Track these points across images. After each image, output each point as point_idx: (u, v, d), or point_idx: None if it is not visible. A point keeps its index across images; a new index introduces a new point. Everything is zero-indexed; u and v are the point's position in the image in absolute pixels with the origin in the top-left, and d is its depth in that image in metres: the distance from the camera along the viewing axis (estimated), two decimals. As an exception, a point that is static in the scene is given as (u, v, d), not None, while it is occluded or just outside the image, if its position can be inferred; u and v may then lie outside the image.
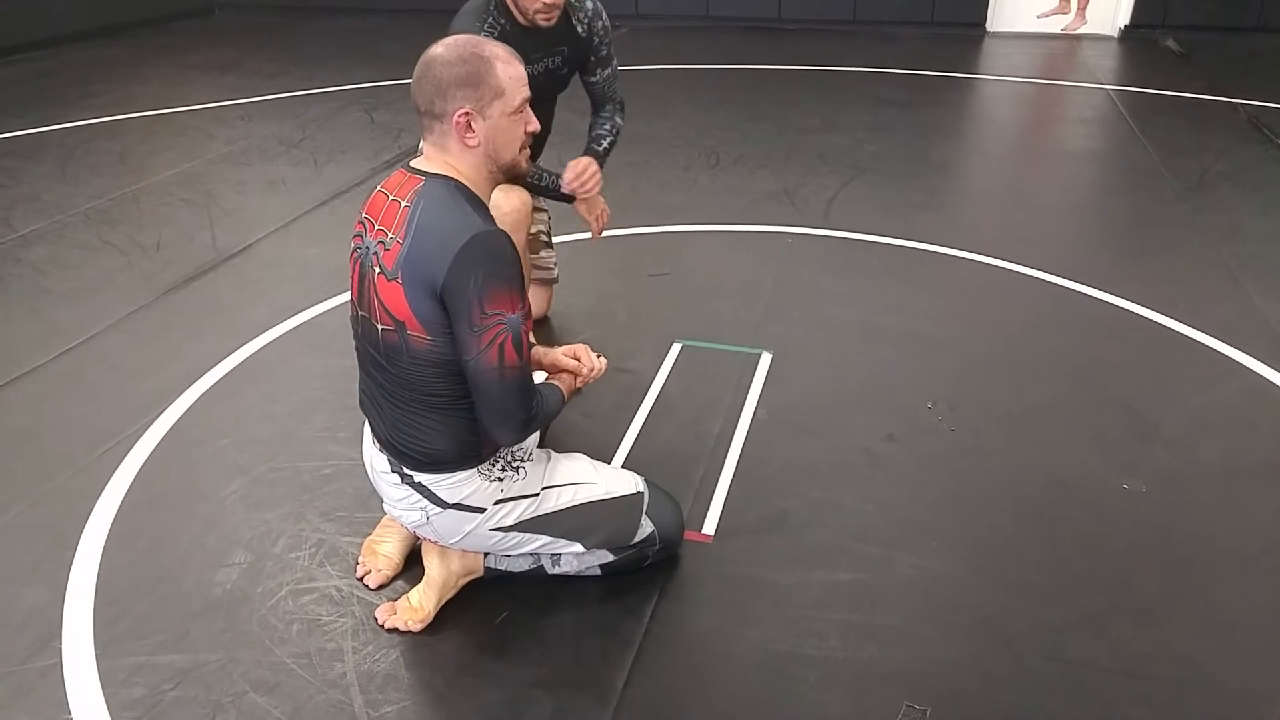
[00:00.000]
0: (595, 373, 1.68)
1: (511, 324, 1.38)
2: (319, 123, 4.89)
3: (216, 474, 2.04)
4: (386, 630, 1.61)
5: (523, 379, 1.43)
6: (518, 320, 1.39)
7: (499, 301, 1.36)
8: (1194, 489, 1.98)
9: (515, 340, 1.39)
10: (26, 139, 4.62)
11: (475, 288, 1.34)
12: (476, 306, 1.35)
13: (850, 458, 2.09)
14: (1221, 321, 2.66)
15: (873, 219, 3.50)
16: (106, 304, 2.84)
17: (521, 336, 1.40)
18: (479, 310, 1.35)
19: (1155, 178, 3.96)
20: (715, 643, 1.60)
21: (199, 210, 3.65)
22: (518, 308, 1.39)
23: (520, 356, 1.41)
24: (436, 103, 1.38)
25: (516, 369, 1.40)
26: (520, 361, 1.41)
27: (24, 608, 1.67)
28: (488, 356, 1.38)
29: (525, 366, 1.43)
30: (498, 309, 1.36)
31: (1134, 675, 1.53)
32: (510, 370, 1.40)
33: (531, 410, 1.46)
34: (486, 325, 1.36)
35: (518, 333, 1.39)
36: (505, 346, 1.38)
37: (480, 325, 1.36)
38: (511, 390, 1.41)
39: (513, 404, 1.43)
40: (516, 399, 1.43)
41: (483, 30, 2.09)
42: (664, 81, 5.87)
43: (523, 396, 1.43)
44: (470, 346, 1.38)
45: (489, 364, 1.38)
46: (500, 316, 1.37)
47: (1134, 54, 6.79)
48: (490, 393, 1.41)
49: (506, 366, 1.39)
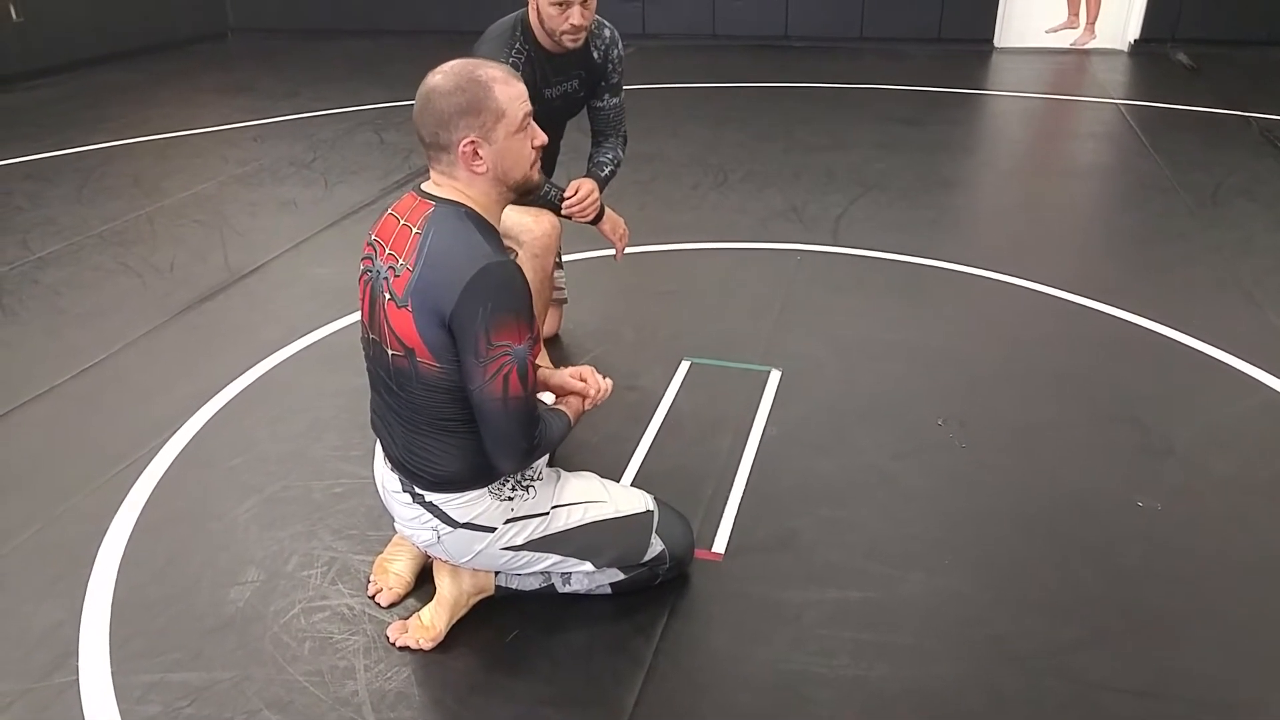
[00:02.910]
0: (602, 394, 1.68)
1: (517, 355, 1.39)
2: (330, 144, 4.95)
3: (229, 493, 2.05)
4: (398, 648, 1.61)
5: (526, 409, 1.43)
6: (524, 351, 1.40)
7: (505, 333, 1.37)
8: (1208, 506, 1.97)
9: (520, 371, 1.40)
10: (44, 162, 4.70)
11: (483, 318, 1.35)
12: (483, 337, 1.36)
13: (860, 475, 2.09)
14: (1235, 337, 2.64)
15: (882, 236, 3.50)
16: (121, 325, 2.88)
17: (527, 367, 1.41)
18: (485, 341, 1.36)
19: (1167, 193, 3.95)
20: (726, 661, 1.59)
21: (212, 231, 3.69)
22: (524, 338, 1.39)
23: (525, 387, 1.41)
24: (440, 134, 1.39)
25: (521, 399, 1.41)
26: (525, 392, 1.41)
27: (41, 625, 1.68)
28: (492, 387, 1.39)
29: (530, 397, 1.44)
30: (504, 340, 1.37)
31: (1147, 695, 1.51)
32: (514, 401, 1.41)
33: (534, 439, 1.47)
34: (492, 356, 1.37)
35: (523, 363, 1.40)
36: (510, 377, 1.39)
37: (486, 356, 1.37)
38: (515, 420, 1.42)
39: (515, 433, 1.43)
40: (519, 428, 1.43)
41: (509, 56, 2.12)
42: (671, 100, 5.91)
43: (525, 426, 1.44)
44: (475, 376, 1.39)
45: (493, 394, 1.39)
46: (506, 348, 1.38)
47: (1144, 68, 6.79)
48: (494, 421, 1.42)
49: (510, 397, 1.40)
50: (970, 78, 6.59)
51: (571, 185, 2.28)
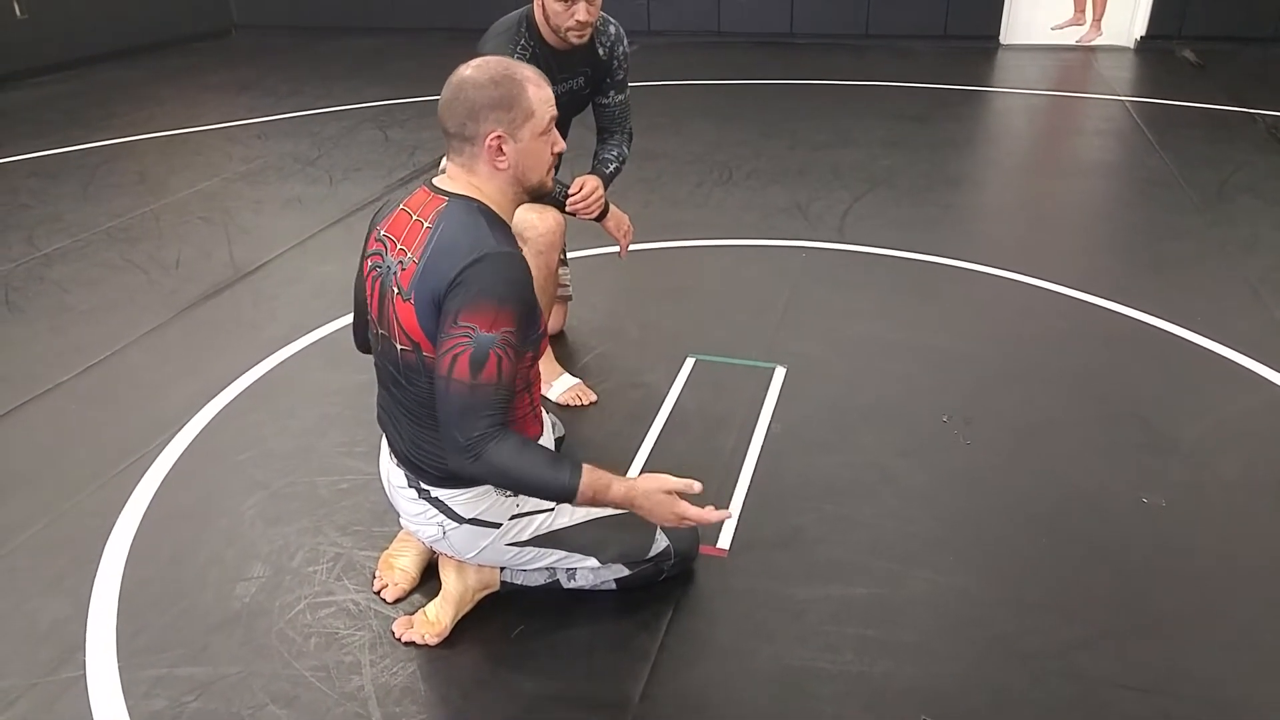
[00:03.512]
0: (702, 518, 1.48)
1: (478, 340, 1.33)
2: (334, 141, 4.95)
3: (235, 489, 2.06)
4: (403, 644, 1.62)
5: (468, 398, 1.34)
6: (489, 340, 1.33)
7: (476, 317, 1.33)
8: (1213, 504, 1.97)
9: (474, 357, 1.33)
10: (50, 159, 4.71)
11: (462, 299, 1.33)
12: (452, 315, 1.34)
13: (865, 473, 2.08)
14: (1241, 334, 2.64)
15: (887, 233, 3.50)
16: (127, 321, 2.89)
17: (486, 356, 1.33)
18: (452, 319, 1.34)
19: (1173, 189, 3.94)
20: (730, 657, 1.60)
21: (217, 228, 3.70)
22: (497, 328, 1.34)
23: (474, 375, 1.33)
24: (468, 125, 1.39)
25: (464, 385, 1.33)
26: (471, 380, 1.33)
27: (48, 620, 1.69)
28: (440, 364, 1.35)
29: (478, 389, 1.34)
30: (471, 322, 1.33)
31: (1151, 693, 1.51)
32: (455, 384, 1.34)
33: (469, 438, 1.34)
34: (451, 334, 1.34)
35: (481, 351, 1.33)
36: (460, 359, 1.33)
37: (446, 332, 1.35)
38: (452, 406, 1.34)
39: (449, 421, 1.35)
40: (454, 417, 1.34)
41: (514, 52, 2.12)
42: (676, 97, 5.91)
43: (463, 418, 1.34)
44: (436, 349, 1.37)
45: (439, 372, 1.35)
46: (469, 330, 1.33)
47: (1150, 65, 6.77)
48: (437, 403, 1.37)
49: (452, 378, 1.34)
50: (976, 74, 6.58)
51: (576, 182, 2.28)
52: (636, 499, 1.45)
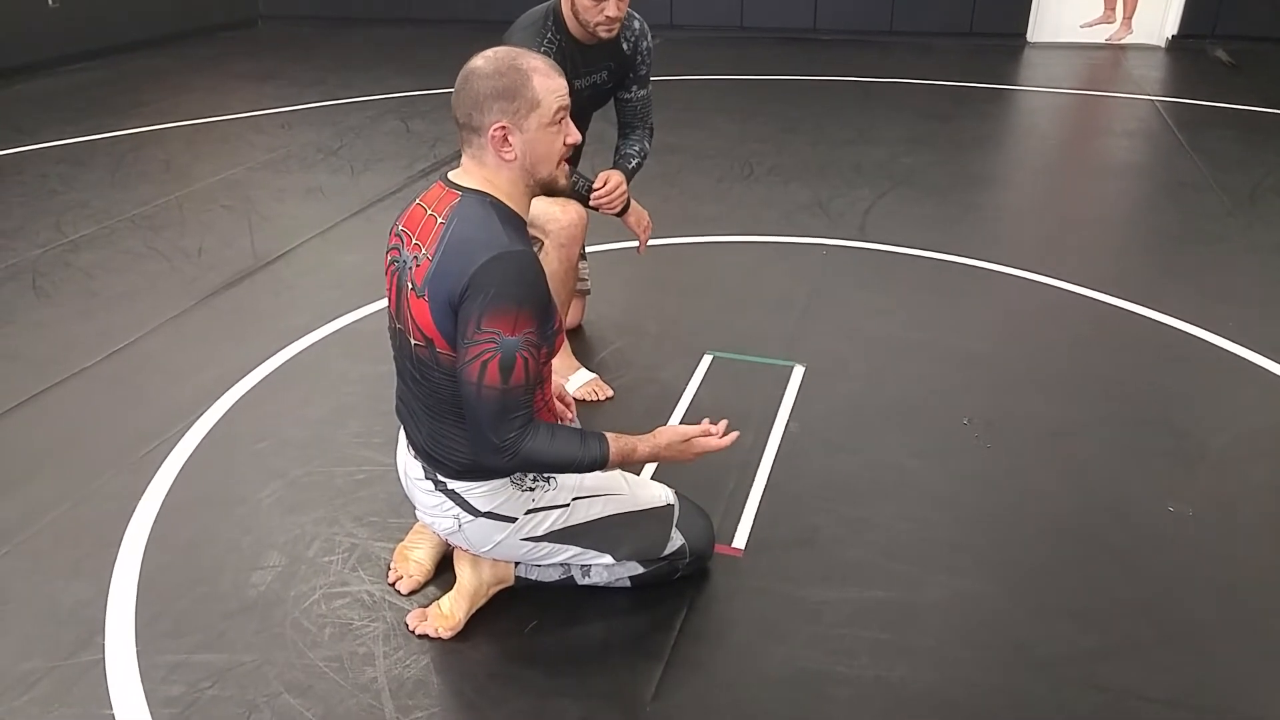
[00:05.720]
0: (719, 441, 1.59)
1: (504, 345, 1.35)
2: (356, 131, 4.97)
3: (253, 477, 2.07)
4: (417, 636, 1.62)
5: (501, 402, 1.37)
6: (514, 344, 1.35)
7: (499, 321, 1.34)
8: (1243, 513, 1.93)
9: (503, 362, 1.35)
10: (79, 146, 4.76)
11: (481, 303, 1.34)
12: (474, 321, 1.34)
13: (883, 474, 2.06)
14: (1272, 340, 2.59)
15: (909, 232, 3.46)
16: (151, 308, 2.91)
17: (514, 360, 1.36)
18: (475, 325, 1.35)
19: (1204, 192, 3.87)
20: (744, 658, 1.59)
21: (239, 217, 3.73)
22: (519, 331, 1.35)
23: (504, 379, 1.35)
24: (474, 115, 1.39)
25: (496, 390, 1.36)
26: (502, 384, 1.36)
27: (69, 603, 1.71)
28: (469, 371, 1.36)
29: (510, 392, 1.37)
30: (495, 328, 1.34)
31: (1176, 705, 1.48)
32: (488, 390, 1.36)
33: (505, 439, 1.38)
34: (477, 340, 1.35)
35: (509, 355, 1.35)
36: (489, 365, 1.35)
37: (471, 339, 1.35)
38: (486, 411, 1.37)
39: (483, 424, 1.38)
40: (489, 420, 1.37)
41: (540, 45, 2.11)
42: (698, 92, 5.88)
43: (496, 420, 1.37)
44: (459, 358, 1.38)
45: (469, 378, 1.37)
46: (495, 336, 1.34)
47: (1182, 65, 6.65)
48: (468, 409, 1.39)
49: (484, 385, 1.36)
50: (1002, 73, 6.50)
51: (600, 176, 2.27)
52: (660, 453, 1.56)
